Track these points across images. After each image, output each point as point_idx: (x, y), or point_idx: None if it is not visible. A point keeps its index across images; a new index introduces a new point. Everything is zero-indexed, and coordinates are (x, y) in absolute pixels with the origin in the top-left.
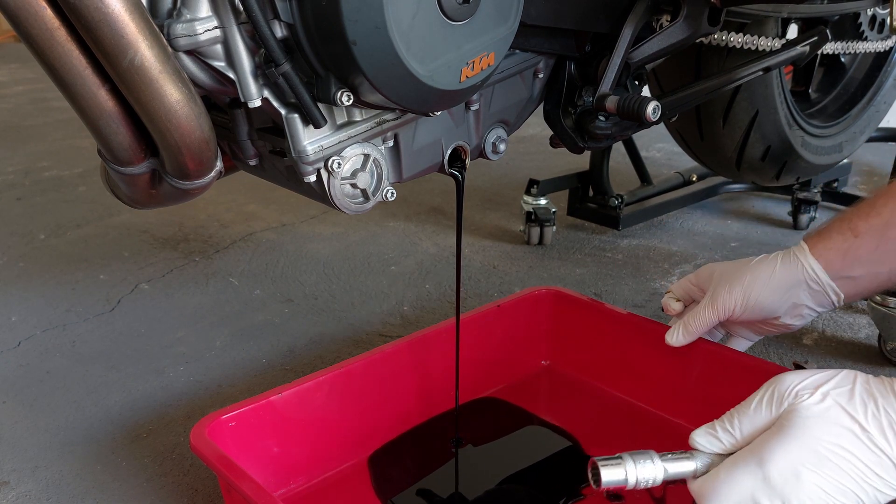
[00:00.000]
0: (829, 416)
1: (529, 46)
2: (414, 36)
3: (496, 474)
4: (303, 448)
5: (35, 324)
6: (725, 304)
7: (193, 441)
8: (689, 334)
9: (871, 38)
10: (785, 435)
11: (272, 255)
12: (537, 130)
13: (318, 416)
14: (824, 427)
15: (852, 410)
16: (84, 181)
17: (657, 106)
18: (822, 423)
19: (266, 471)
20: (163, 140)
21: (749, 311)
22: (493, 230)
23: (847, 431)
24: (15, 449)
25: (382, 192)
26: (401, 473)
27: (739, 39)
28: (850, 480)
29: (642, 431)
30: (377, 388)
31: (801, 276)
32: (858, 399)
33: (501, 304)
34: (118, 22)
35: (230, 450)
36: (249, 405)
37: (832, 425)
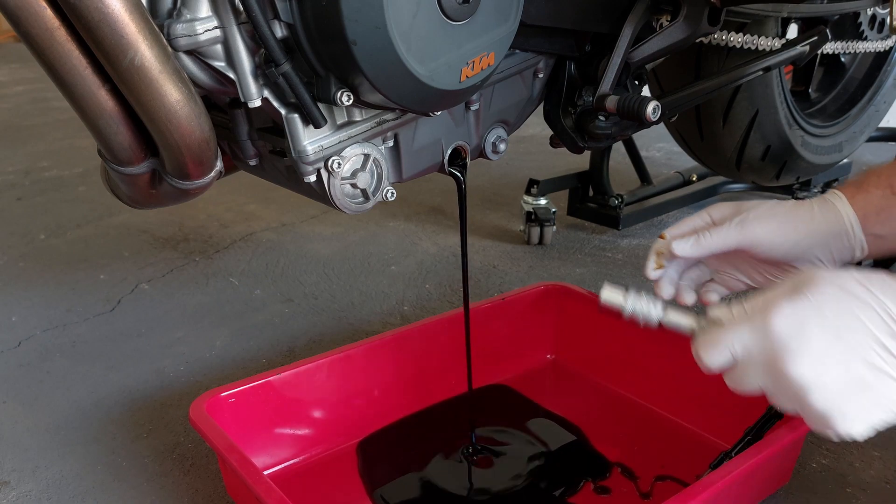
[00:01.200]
0: (842, 281)
1: (529, 46)
2: (414, 36)
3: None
4: (300, 428)
5: (35, 324)
6: (755, 233)
7: (192, 415)
8: (699, 247)
9: (871, 37)
10: (794, 293)
11: (272, 255)
12: (537, 130)
13: (316, 398)
14: (836, 290)
15: (867, 282)
16: (84, 181)
17: (657, 106)
18: (835, 287)
19: (262, 448)
20: (163, 140)
21: (776, 248)
22: (493, 230)
23: (859, 299)
24: (15, 449)
25: (382, 192)
26: (392, 462)
27: (739, 39)
28: (855, 345)
29: (645, 427)
30: (377, 373)
31: (841, 226)
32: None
33: (507, 298)
34: (118, 22)
35: (227, 426)
36: (249, 384)
37: (845, 289)
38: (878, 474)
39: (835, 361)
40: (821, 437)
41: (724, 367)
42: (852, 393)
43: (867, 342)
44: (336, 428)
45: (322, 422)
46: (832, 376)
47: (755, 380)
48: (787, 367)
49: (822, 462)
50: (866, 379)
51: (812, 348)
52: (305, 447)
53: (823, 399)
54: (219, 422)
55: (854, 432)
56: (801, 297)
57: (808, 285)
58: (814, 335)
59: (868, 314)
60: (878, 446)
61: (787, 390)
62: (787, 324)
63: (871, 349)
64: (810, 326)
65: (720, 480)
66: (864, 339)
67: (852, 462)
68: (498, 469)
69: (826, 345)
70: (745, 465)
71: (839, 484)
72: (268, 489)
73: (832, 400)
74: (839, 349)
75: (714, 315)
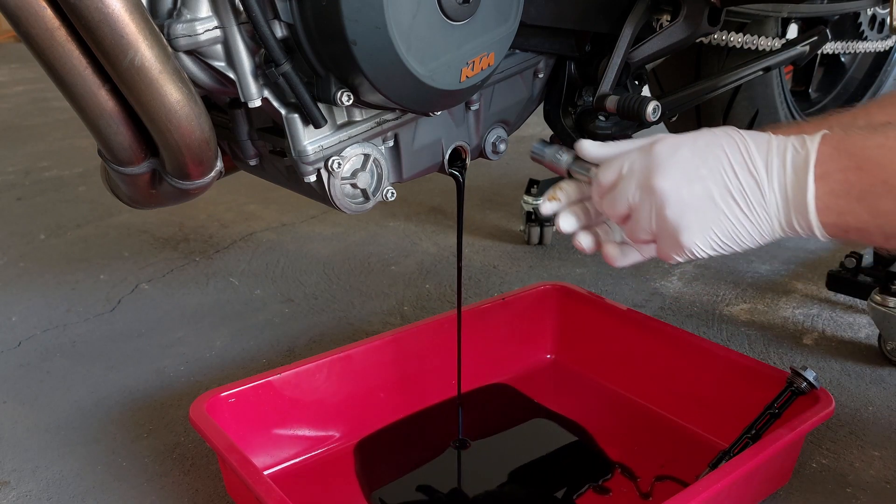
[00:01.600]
0: (727, 130)
1: (529, 46)
2: (414, 36)
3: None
4: (300, 428)
5: (35, 324)
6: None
7: (192, 415)
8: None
9: (871, 37)
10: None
11: (272, 255)
12: (537, 130)
13: (316, 398)
14: (718, 132)
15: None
16: (84, 181)
17: (657, 106)
18: (718, 131)
19: (262, 448)
20: (163, 140)
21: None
22: (493, 230)
23: (729, 138)
24: (15, 449)
25: (382, 192)
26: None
27: (739, 39)
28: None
29: (645, 427)
30: (377, 373)
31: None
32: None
33: (507, 298)
34: (118, 22)
35: (227, 426)
36: (249, 384)
37: (725, 133)
38: (878, 474)
39: (693, 179)
40: (821, 437)
41: (613, 182)
42: (700, 208)
43: (724, 168)
44: (336, 428)
45: (322, 422)
46: (687, 191)
47: (628, 194)
48: (655, 180)
49: (822, 462)
50: (715, 198)
51: (678, 166)
52: (305, 447)
53: (676, 210)
54: (219, 422)
55: (695, 247)
56: (686, 133)
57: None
58: (683, 156)
59: (731, 148)
60: (878, 446)
61: (650, 202)
62: (665, 147)
63: (726, 175)
64: (682, 150)
65: (720, 480)
66: (723, 166)
67: (852, 462)
68: (498, 469)
69: (690, 165)
70: (745, 465)
71: (839, 484)
72: (268, 489)
73: (682, 211)
74: (700, 171)
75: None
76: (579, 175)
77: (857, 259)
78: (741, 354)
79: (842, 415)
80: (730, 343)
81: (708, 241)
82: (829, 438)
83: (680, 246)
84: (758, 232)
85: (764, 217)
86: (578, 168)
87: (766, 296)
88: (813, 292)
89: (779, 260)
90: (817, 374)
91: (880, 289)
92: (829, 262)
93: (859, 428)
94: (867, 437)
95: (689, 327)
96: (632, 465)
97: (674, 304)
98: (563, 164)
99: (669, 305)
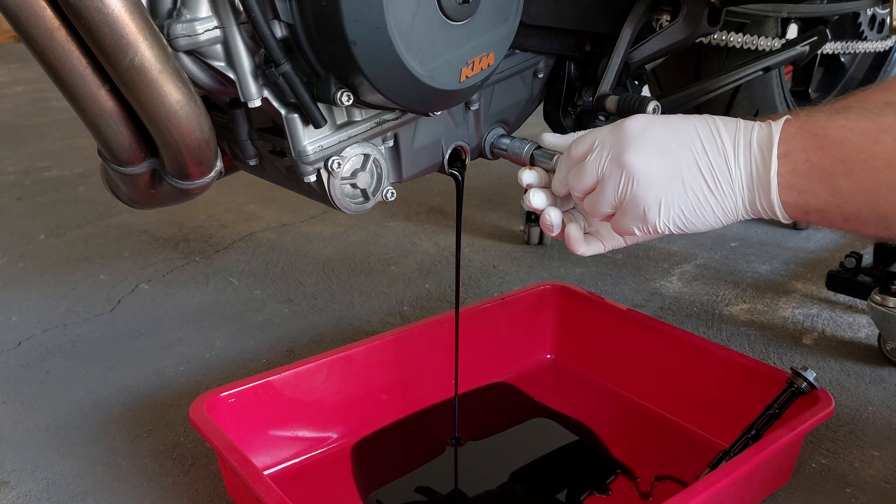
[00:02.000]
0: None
1: (529, 46)
2: (414, 36)
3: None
4: (300, 428)
5: (35, 324)
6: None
7: (192, 415)
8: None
9: (871, 37)
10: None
11: (272, 255)
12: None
13: (316, 398)
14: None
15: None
16: (84, 181)
17: (657, 106)
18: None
19: (262, 448)
20: (163, 140)
21: None
22: (493, 230)
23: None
24: (15, 449)
25: (382, 192)
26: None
27: (739, 39)
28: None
29: (645, 427)
30: (377, 373)
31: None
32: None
33: (507, 298)
34: (118, 22)
35: (227, 426)
36: (249, 384)
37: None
38: (878, 474)
39: (664, 154)
40: (821, 437)
41: (583, 155)
42: (668, 183)
43: (695, 145)
44: (336, 428)
45: (322, 422)
46: (657, 165)
47: (598, 166)
48: (626, 155)
49: (822, 462)
50: (684, 174)
51: (650, 141)
52: (305, 447)
53: (644, 184)
54: (219, 422)
55: (659, 222)
56: (661, 115)
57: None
58: (654, 134)
59: (703, 128)
60: (878, 446)
61: (618, 174)
62: (637, 124)
63: (696, 152)
64: (654, 128)
65: (720, 480)
66: (693, 143)
67: (852, 462)
68: (498, 469)
69: (662, 141)
70: (745, 465)
71: (839, 484)
72: (268, 489)
73: (650, 186)
74: (671, 146)
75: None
76: (542, 162)
77: (856, 259)
78: (741, 354)
79: (842, 415)
80: (730, 343)
81: (672, 217)
82: (828, 438)
83: (644, 220)
84: (721, 210)
85: (729, 194)
86: (541, 156)
87: (765, 296)
88: (813, 292)
89: (779, 260)
90: (817, 375)
91: (880, 289)
92: (828, 262)
93: (859, 428)
94: (867, 437)
95: (689, 327)
96: (632, 465)
97: (674, 304)
98: (524, 155)
99: (669, 305)
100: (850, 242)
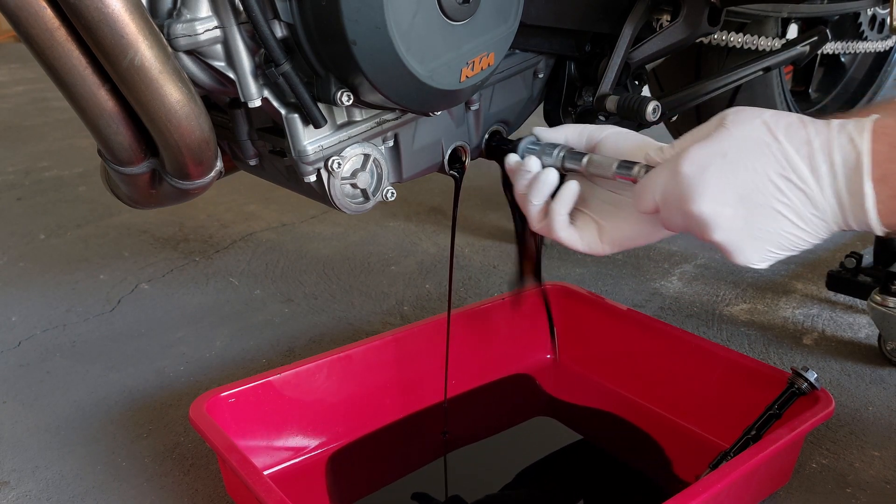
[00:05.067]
0: (752, 127)
1: (529, 46)
2: (414, 36)
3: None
4: (300, 428)
5: (35, 324)
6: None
7: (192, 415)
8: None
9: (871, 37)
10: (707, 138)
11: (272, 255)
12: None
13: (316, 398)
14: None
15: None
16: (84, 181)
17: (657, 106)
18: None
19: (262, 448)
20: (163, 140)
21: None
22: (493, 230)
23: (762, 143)
24: (15, 449)
25: (382, 192)
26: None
27: (739, 39)
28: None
29: (645, 427)
30: (376, 373)
31: None
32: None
33: (507, 298)
34: (118, 22)
35: (228, 426)
36: (249, 384)
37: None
38: (878, 474)
39: (731, 201)
40: (821, 437)
41: (653, 209)
42: (747, 228)
43: (763, 182)
44: (336, 428)
45: (322, 422)
46: (729, 213)
47: (676, 219)
48: (691, 206)
49: (822, 462)
50: (758, 216)
51: (711, 189)
52: (305, 447)
53: (723, 234)
54: (219, 422)
55: (752, 264)
56: (709, 141)
57: (719, 129)
58: (714, 177)
59: (766, 157)
60: (878, 446)
61: (696, 227)
62: (692, 167)
63: (766, 190)
64: (712, 170)
65: (720, 480)
66: (761, 180)
67: (852, 462)
68: (499, 469)
69: (724, 186)
70: (745, 465)
71: (839, 484)
72: (268, 489)
73: (729, 234)
74: (736, 190)
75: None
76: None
77: (857, 259)
78: (742, 355)
79: (842, 415)
80: (730, 343)
81: (764, 257)
82: (829, 438)
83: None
84: (814, 236)
85: (820, 224)
86: (571, 162)
87: (766, 296)
88: (813, 292)
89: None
90: (818, 375)
91: (880, 289)
92: (829, 262)
93: (859, 428)
94: (867, 437)
95: (689, 327)
96: (632, 465)
97: (674, 304)
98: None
99: (669, 305)
100: (851, 242)
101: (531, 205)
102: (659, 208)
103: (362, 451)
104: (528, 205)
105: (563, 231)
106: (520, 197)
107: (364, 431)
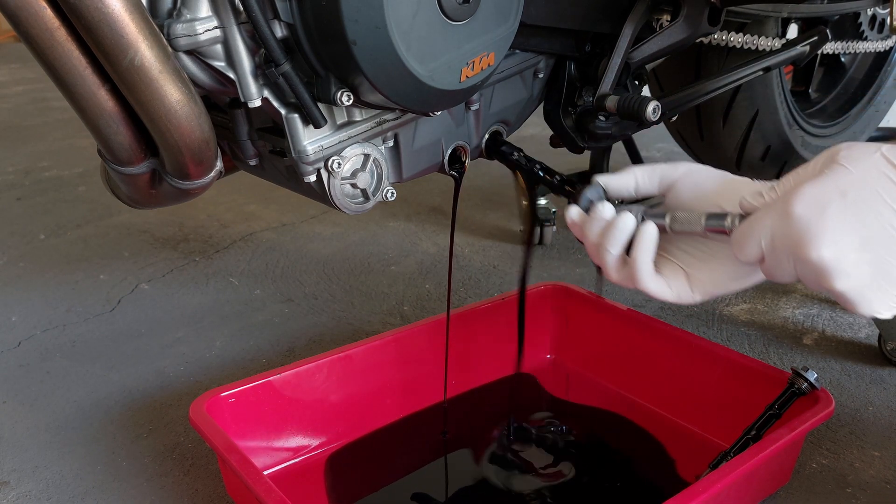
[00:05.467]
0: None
1: (529, 46)
2: (414, 36)
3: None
4: (300, 428)
5: (35, 324)
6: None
7: (192, 415)
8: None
9: (871, 37)
10: (818, 175)
11: (272, 255)
12: (537, 130)
13: (316, 398)
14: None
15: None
16: (84, 181)
17: (657, 106)
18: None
19: (262, 448)
20: (163, 140)
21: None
22: (493, 230)
23: (884, 180)
24: (15, 449)
25: (382, 192)
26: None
27: (739, 39)
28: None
29: (645, 427)
30: (376, 373)
31: None
32: None
33: (507, 298)
34: (118, 22)
35: (227, 426)
36: (249, 384)
37: (871, 170)
38: (878, 474)
39: (856, 245)
40: (821, 437)
41: (757, 258)
42: (874, 276)
43: (891, 222)
44: (336, 428)
45: (322, 422)
46: (853, 260)
47: (786, 267)
48: (809, 252)
49: (822, 462)
50: (887, 263)
51: (833, 231)
52: (305, 447)
53: (846, 282)
54: (219, 422)
55: (877, 313)
56: (823, 179)
57: (832, 166)
58: (834, 218)
59: (893, 195)
60: (878, 446)
61: (812, 275)
62: (807, 208)
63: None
64: (831, 210)
65: (720, 480)
66: (888, 220)
67: (852, 462)
68: (498, 469)
69: (847, 228)
70: (745, 465)
71: (839, 484)
72: (268, 489)
73: (853, 282)
74: (861, 233)
75: (746, 203)
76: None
77: None
78: (742, 355)
79: (842, 415)
80: (730, 343)
81: (891, 306)
82: (829, 438)
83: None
84: None
85: None
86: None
87: (766, 296)
88: (813, 292)
89: None
90: (818, 375)
91: None
92: None
93: (859, 428)
94: (867, 437)
95: (689, 327)
96: (632, 465)
97: (673, 304)
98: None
99: (669, 305)
100: None
101: (608, 254)
102: (764, 257)
103: (362, 451)
104: (604, 254)
105: (651, 282)
106: (592, 247)
107: (364, 431)
